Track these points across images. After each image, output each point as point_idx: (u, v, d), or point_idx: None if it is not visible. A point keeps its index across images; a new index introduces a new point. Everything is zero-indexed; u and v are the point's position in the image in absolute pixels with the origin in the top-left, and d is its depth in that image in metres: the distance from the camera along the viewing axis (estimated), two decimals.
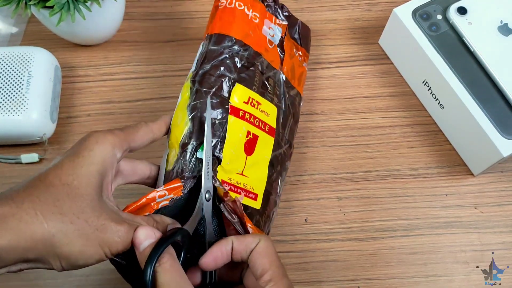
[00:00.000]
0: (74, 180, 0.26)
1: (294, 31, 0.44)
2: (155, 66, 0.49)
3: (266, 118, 0.37)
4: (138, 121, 0.34)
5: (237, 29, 0.38)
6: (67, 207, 0.25)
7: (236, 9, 0.38)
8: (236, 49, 0.37)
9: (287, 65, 0.41)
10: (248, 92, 0.36)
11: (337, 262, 0.41)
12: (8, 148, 0.45)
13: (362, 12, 0.52)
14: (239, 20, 0.38)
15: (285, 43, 0.41)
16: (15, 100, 0.42)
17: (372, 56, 0.50)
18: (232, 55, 0.36)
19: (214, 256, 0.30)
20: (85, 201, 0.26)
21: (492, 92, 0.41)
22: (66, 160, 0.27)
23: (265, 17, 0.40)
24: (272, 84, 0.38)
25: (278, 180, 0.38)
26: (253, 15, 0.39)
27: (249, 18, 0.39)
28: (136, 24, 0.52)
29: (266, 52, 0.39)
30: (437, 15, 0.45)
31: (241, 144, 0.34)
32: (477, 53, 0.42)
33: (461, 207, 0.43)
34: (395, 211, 0.43)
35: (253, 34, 0.38)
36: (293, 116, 0.40)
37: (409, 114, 0.47)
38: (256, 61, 0.38)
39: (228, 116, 0.34)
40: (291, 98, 0.41)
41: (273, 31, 0.40)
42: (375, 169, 0.45)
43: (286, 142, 0.39)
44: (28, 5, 0.42)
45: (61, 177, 0.26)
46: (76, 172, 0.26)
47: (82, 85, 0.49)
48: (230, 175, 0.33)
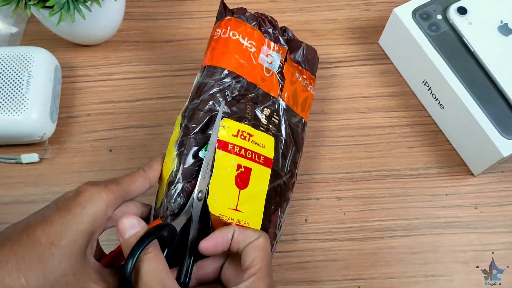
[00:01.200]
0: (61, 240, 0.26)
1: (298, 54, 0.42)
2: (155, 66, 0.49)
3: (261, 149, 0.35)
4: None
5: (230, 60, 0.37)
6: (50, 270, 0.25)
7: (230, 39, 0.37)
8: (228, 81, 0.36)
9: (288, 92, 0.39)
10: (237, 125, 0.35)
11: (337, 261, 0.41)
12: (8, 148, 0.45)
13: (361, 12, 0.52)
14: (232, 50, 0.37)
15: (285, 69, 0.39)
16: (15, 100, 0.42)
17: (372, 56, 0.50)
18: (224, 88, 0.36)
19: (215, 242, 0.30)
20: (68, 263, 0.26)
21: (492, 92, 0.41)
22: (56, 215, 0.27)
23: (262, 45, 0.39)
24: (268, 114, 0.37)
25: (278, 211, 0.36)
26: (248, 43, 0.38)
27: (244, 47, 0.37)
28: (136, 24, 0.52)
29: (262, 81, 0.37)
30: (437, 15, 0.45)
31: (231, 178, 0.33)
32: (477, 53, 0.42)
33: (461, 207, 0.43)
34: (395, 211, 0.43)
35: (248, 64, 0.37)
36: (295, 144, 0.39)
37: (409, 114, 0.47)
38: (250, 92, 0.37)
39: (216, 151, 0.33)
40: (293, 126, 0.39)
41: (272, 58, 0.38)
42: (375, 169, 0.45)
43: (288, 171, 0.37)
44: (28, 5, 0.42)
45: (49, 234, 0.26)
46: (64, 231, 0.26)
47: (82, 85, 0.49)
48: (221, 211, 0.32)
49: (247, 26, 0.38)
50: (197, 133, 0.34)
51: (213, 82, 0.36)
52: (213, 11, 0.52)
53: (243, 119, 0.35)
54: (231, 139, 0.34)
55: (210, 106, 0.35)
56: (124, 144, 0.46)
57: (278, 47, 0.39)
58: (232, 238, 0.30)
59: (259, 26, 0.39)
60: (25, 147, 0.45)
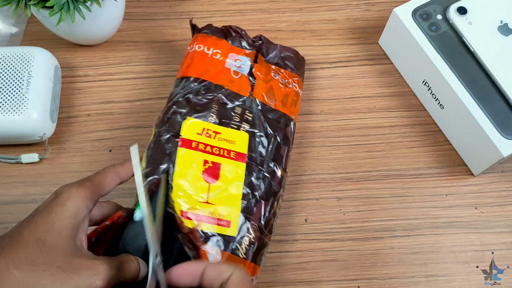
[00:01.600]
0: (47, 235, 0.28)
1: (274, 56, 0.44)
2: (155, 66, 0.49)
3: (231, 145, 0.37)
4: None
5: (195, 69, 0.40)
6: (40, 260, 0.27)
7: (196, 51, 0.42)
8: (192, 86, 0.39)
9: (262, 90, 0.41)
10: (201, 124, 0.37)
11: (337, 261, 0.41)
12: (8, 148, 0.45)
13: (361, 12, 0.52)
14: (197, 60, 0.41)
15: (255, 69, 0.41)
16: (15, 100, 0.42)
17: (372, 56, 0.50)
18: (187, 92, 0.39)
19: (179, 272, 0.29)
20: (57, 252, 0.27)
21: (492, 92, 0.41)
22: (40, 217, 0.29)
23: (229, 52, 0.42)
24: (240, 112, 0.39)
25: (261, 204, 0.37)
26: (213, 52, 0.41)
27: (209, 56, 0.41)
28: (136, 24, 0.52)
29: (230, 83, 0.40)
30: (437, 15, 0.45)
31: (198, 174, 0.35)
32: (477, 53, 0.42)
33: (461, 207, 0.43)
34: (395, 211, 0.43)
35: (213, 69, 0.40)
36: (276, 138, 0.40)
37: (409, 114, 0.47)
38: (216, 93, 0.39)
39: (178, 149, 0.35)
40: (272, 121, 0.40)
41: (240, 62, 0.42)
42: (375, 169, 0.45)
43: (270, 165, 0.38)
44: (28, 5, 0.42)
45: (35, 233, 0.28)
46: (49, 228, 0.28)
47: (81, 85, 0.49)
48: (191, 204, 0.34)
49: (212, 38, 0.42)
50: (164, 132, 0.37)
51: (178, 90, 0.40)
52: (212, 11, 0.52)
53: (208, 117, 0.38)
54: (195, 137, 0.37)
55: (173, 110, 0.38)
56: (124, 144, 0.46)
57: (246, 52, 0.42)
58: (204, 275, 0.29)
59: (225, 36, 0.43)
60: (25, 147, 0.45)
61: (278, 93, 0.42)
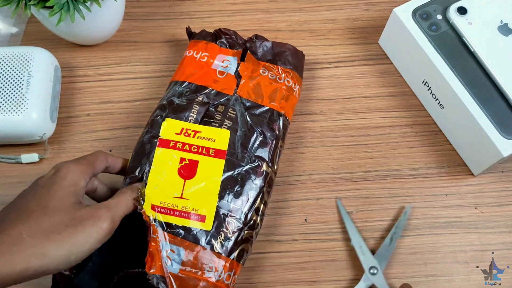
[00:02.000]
0: (50, 202, 0.31)
1: (268, 53, 0.44)
2: (154, 66, 0.49)
3: (210, 143, 0.38)
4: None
5: (182, 73, 0.43)
6: (48, 224, 0.30)
7: (186, 57, 0.44)
8: (177, 89, 0.41)
9: (247, 87, 0.42)
10: (180, 124, 0.39)
11: (337, 261, 0.41)
12: (8, 148, 0.45)
13: (361, 12, 0.52)
14: (186, 65, 0.43)
15: (241, 68, 0.43)
16: (15, 100, 0.42)
17: (372, 56, 0.50)
18: (171, 95, 0.41)
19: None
20: (62, 214, 0.31)
21: (492, 92, 0.41)
22: (44, 190, 0.32)
23: (217, 53, 0.43)
24: (223, 110, 0.40)
25: (239, 199, 0.37)
26: (201, 55, 0.43)
27: (196, 60, 0.43)
28: (136, 24, 0.52)
29: (214, 82, 0.42)
30: (437, 15, 0.45)
31: (173, 170, 0.37)
32: (477, 53, 0.42)
33: (461, 207, 0.43)
34: (394, 211, 0.43)
35: (199, 71, 0.42)
36: (261, 133, 0.40)
37: (409, 114, 0.47)
38: (199, 93, 0.41)
39: (156, 149, 0.37)
40: (257, 117, 0.41)
41: (228, 62, 0.43)
42: (375, 169, 0.45)
43: (251, 160, 0.39)
44: (28, 5, 0.42)
45: (40, 203, 0.31)
46: (52, 196, 0.31)
47: (81, 85, 0.49)
48: (163, 199, 0.36)
49: (202, 43, 0.44)
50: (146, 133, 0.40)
51: (166, 93, 0.42)
52: (212, 11, 0.52)
53: (188, 117, 0.39)
54: (174, 137, 0.38)
55: (157, 113, 0.40)
56: (124, 144, 0.46)
57: (234, 52, 0.44)
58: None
59: (215, 39, 0.44)
60: (25, 147, 0.45)
61: (266, 89, 0.42)
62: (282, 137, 0.42)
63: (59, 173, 0.33)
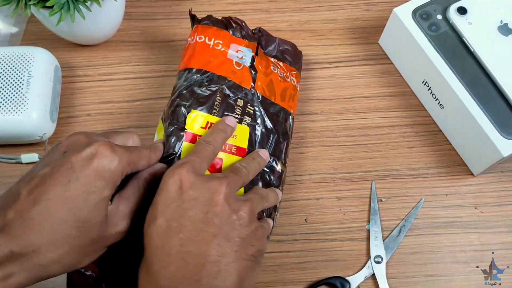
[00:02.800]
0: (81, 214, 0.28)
1: (273, 49, 0.43)
2: (154, 66, 0.49)
3: (232, 140, 0.37)
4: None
5: (197, 60, 0.39)
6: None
7: (197, 42, 0.40)
8: (195, 78, 0.38)
9: (262, 83, 0.40)
10: (206, 117, 0.37)
11: (337, 261, 0.41)
12: (8, 148, 0.45)
13: (361, 12, 0.52)
14: (198, 51, 0.40)
15: (256, 62, 0.41)
16: (15, 100, 0.42)
17: (372, 56, 0.50)
18: (190, 84, 0.38)
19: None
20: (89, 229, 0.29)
21: (492, 92, 0.41)
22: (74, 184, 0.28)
23: (231, 42, 0.41)
24: (242, 104, 0.38)
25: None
26: (215, 43, 0.40)
27: (210, 47, 0.40)
28: (136, 24, 0.52)
29: (233, 74, 0.39)
30: (437, 15, 0.45)
31: None
32: (477, 53, 0.42)
33: (461, 207, 0.43)
34: (395, 211, 0.43)
35: (216, 60, 0.39)
36: (276, 132, 0.39)
37: (409, 114, 0.47)
38: (220, 84, 0.38)
39: (183, 143, 0.35)
40: (273, 115, 0.40)
41: (242, 53, 0.40)
42: (375, 169, 0.45)
43: (269, 159, 0.38)
44: (28, 5, 0.42)
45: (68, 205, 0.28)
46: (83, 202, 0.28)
47: (81, 85, 0.49)
48: None
49: (213, 29, 0.41)
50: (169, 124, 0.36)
51: (181, 82, 0.38)
52: (212, 11, 0.52)
53: (212, 110, 0.37)
54: (200, 131, 0.36)
55: (177, 102, 0.37)
56: None
57: (247, 43, 0.41)
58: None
59: (226, 27, 0.42)
60: (25, 147, 0.45)
61: (278, 87, 0.41)
62: (291, 136, 0.42)
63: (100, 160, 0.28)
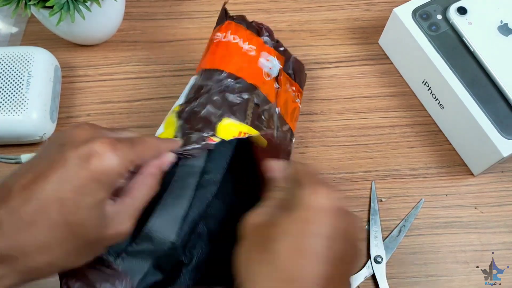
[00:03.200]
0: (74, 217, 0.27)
1: (288, 66, 0.41)
2: (155, 66, 0.49)
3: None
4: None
5: (230, 62, 0.37)
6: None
7: (230, 42, 0.38)
8: (227, 82, 0.36)
9: (282, 100, 0.39)
10: (238, 126, 0.34)
11: None
12: (8, 148, 0.45)
13: (361, 12, 0.52)
14: (232, 53, 0.37)
15: (281, 76, 0.39)
16: (15, 100, 0.42)
17: (372, 56, 0.50)
18: (223, 89, 0.35)
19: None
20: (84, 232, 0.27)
21: (492, 92, 0.41)
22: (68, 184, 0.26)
23: (262, 50, 0.39)
24: (267, 117, 0.36)
25: None
26: (248, 47, 0.38)
27: (243, 50, 0.38)
28: (136, 24, 0.52)
29: (263, 84, 0.37)
30: (437, 15, 0.45)
31: None
32: (477, 53, 0.42)
33: (461, 207, 0.43)
34: (395, 211, 0.43)
35: (248, 66, 0.37)
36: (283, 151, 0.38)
37: (409, 114, 0.47)
38: (251, 93, 0.36)
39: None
40: (283, 134, 0.38)
41: (272, 63, 0.39)
42: (375, 169, 0.45)
43: None
44: (28, 5, 0.42)
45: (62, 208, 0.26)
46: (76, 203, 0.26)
47: (81, 85, 0.49)
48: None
49: (246, 31, 0.39)
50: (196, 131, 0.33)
51: (212, 84, 0.36)
52: (212, 11, 0.52)
53: (244, 119, 0.34)
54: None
55: (208, 109, 0.34)
56: None
57: (277, 54, 0.40)
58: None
59: (257, 33, 0.40)
60: (25, 147, 0.45)
61: (290, 106, 0.40)
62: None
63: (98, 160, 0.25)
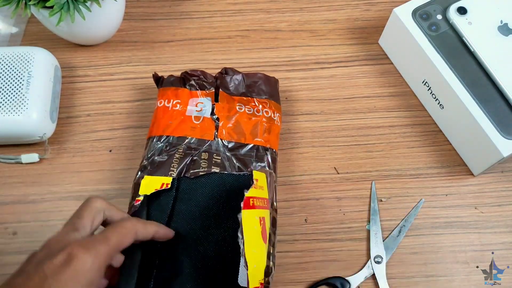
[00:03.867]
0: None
1: (240, 86, 0.42)
2: (155, 66, 0.49)
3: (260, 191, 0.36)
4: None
5: (157, 127, 0.41)
6: None
7: (158, 107, 0.42)
8: (156, 146, 0.39)
9: (227, 128, 0.40)
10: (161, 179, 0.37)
11: (337, 262, 0.41)
12: (8, 148, 0.45)
13: (361, 12, 0.52)
14: (159, 117, 0.41)
15: (217, 109, 0.41)
16: (15, 100, 0.42)
17: (372, 56, 0.50)
18: (151, 154, 0.39)
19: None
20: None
21: (492, 92, 0.41)
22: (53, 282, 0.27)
23: (189, 98, 0.41)
24: (207, 157, 0.38)
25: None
26: (173, 103, 0.41)
27: (169, 110, 0.41)
28: (136, 24, 0.52)
29: (192, 130, 0.40)
30: (437, 15, 0.45)
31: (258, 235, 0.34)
32: (477, 53, 0.42)
33: (461, 207, 0.43)
34: (395, 211, 0.43)
35: (175, 121, 0.40)
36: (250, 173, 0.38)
37: (409, 114, 0.47)
38: (179, 145, 0.39)
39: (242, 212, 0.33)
40: (244, 157, 0.39)
41: (202, 105, 0.41)
42: (375, 169, 0.45)
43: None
44: (28, 5, 0.42)
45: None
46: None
47: (81, 85, 0.49)
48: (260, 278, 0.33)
49: (171, 90, 0.42)
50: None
51: (146, 152, 0.40)
52: (212, 11, 0.52)
53: (168, 172, 0.38)
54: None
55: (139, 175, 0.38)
56: (124, 144, 0.46)
57: (206, 93, 0.42)
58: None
59: (184, 84, 0.42)
60: (25, 147, 0.45)
61: (246, 126, 0.41)
62: (274, 171, 0.40)
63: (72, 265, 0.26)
